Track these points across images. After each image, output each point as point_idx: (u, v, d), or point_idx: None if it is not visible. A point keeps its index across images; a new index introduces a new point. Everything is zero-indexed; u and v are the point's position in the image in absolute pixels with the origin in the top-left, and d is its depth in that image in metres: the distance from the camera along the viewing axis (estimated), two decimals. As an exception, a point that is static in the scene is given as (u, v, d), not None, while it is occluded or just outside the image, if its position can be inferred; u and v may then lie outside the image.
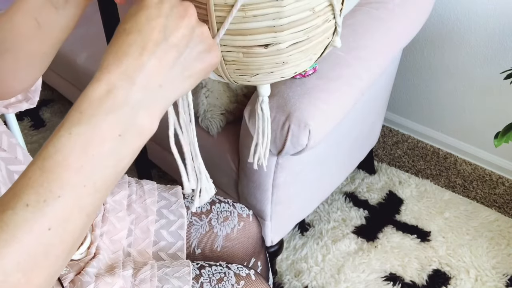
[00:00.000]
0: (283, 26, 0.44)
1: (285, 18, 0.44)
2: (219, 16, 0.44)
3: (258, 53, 0.47)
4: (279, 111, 0.88)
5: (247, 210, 0.87)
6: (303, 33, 0.46)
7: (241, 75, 0.50)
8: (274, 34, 0.45)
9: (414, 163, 1.63)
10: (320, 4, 0.46)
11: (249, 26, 0.45)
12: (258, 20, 0.44)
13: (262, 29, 0.45)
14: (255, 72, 0.49)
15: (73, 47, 1.48)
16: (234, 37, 0.46)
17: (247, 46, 0.46)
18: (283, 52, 0.47)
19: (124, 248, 0.73)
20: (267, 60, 0.47)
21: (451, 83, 1.53)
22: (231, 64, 0.49)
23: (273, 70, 0.49)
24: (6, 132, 0.62)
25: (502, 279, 1.29)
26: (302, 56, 0.48)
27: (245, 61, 0.48)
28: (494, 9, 1.32)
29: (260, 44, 0.46)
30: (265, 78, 0.50)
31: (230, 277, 0.71)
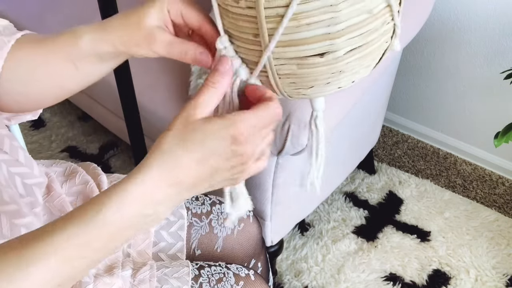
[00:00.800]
0: (339, 32, 0.42)
1: (341, 23, 0.41)
2: (271, 28, 0.42)
3: (313, 64, 0.44)
4: (279, 111, 0.88)
5: None
6: (361, 37, 0.43)
7: (296, 89, 0.47)
8: (330, 42, 0.42)
9: (414, 163, 1.63)
10: (378, 6, 0.43)
11: (303, 36, 0.42)
12: (312, 28, 0.41)
13: (317, 37, 0.42)
14: (311, 84, 0.46)
15: (73, 47, 1.48)
16: (287, 48, 0.43)
17: (301, 57, 0.43)
18: (340, 60, 0.44)
19: (123, 248, 0.73)
20: (323, 70, 0.44)
21: (451, 83, 1.53)
22: (285, 77, 0.46)
23: (330, 81, 0.46)
24: (8, 135, 0.62)
25: (502, 279, 1.29)
26: (360, 63, 0.45)
27: (299, 73, 0.45)
28: (494, 9, 1.32)
29: (315, 53, 0.43)
30: (321, 90, 0.47)
31: (230, 277, 0.71)
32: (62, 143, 1.75)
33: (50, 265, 0.39)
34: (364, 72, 0.47)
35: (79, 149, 1.73)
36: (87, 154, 1.71)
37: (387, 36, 0.47)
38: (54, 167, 0.77)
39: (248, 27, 0.43)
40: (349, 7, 0.41)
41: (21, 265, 0.38)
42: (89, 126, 1.82)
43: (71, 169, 0.77)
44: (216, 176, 0.44)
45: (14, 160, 0.62)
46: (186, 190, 0.43)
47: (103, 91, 1.41)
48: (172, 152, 0.42)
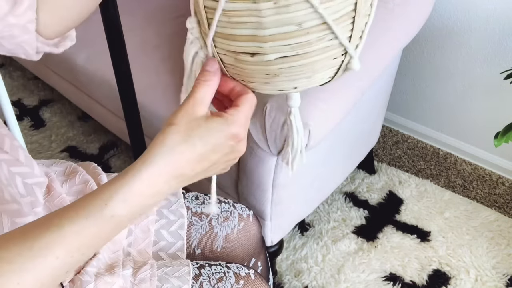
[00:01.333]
0: (265, 37, 0.43)
1: (267, 29, 0.43)
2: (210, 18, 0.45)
3: (246, 61, 0.46)
4: (279, 111, 0.88)
5: (247, 210, 0.87)
6: (290, 47, 0.44)
7: (241, 79, 0.50)
8: (257, 44, 0.44)
9: (414, 163, 1.63)
10: (309, 21, 0.43)
11: (234, 32, 0.45)
12: (241, 27, 0.44)
13: (246, 36, 0.44)
14: (250, 79, 0.48)
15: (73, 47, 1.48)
16: (224, 40, 0.46)
17: (235, 52, 0.46)
18: (270, 64, 0.45)
19: (124, 247, 0.73)
20: (257, 70, 0.47)
21: (451, 83, 1.53)
22: (229, 67, 0.49)
23: (268, 81, 0.48)
24: (8, 135, 0.62)
25: (502, 279, 1.29)
26: (296, 71, 0.46)
27: (238, 66, 0.48)
28: (494, 9, 1.32)
29: (246, 51, 0.45)
30: (262, 87, 0.49)
31: (230, 276, 0.71)
32: (62, 143, 1.75)
33: (59, 255, 0.41)
34: (305, 82, 0.48)
35: (79, 149, 1.73)
36: (87, 154, 1.71)
37: (332, 52, 0.46)
38: (54, 166, 0.77)
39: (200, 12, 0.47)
40: (274, 15, 0.42)
41: (32, 255, 0.40)
42: (89, 126, 1.82)
43: (71, 169, 0.77)
44: (214, 167, 0.48)
45: (15, 160, 0.62)
46: (186, 181, 0.47)
47: (103, 91, 1.41)
48: (176, 147, 0.44)
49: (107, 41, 0.90)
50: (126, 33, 0.92)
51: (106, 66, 1.36)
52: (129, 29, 1.47)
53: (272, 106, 0.88)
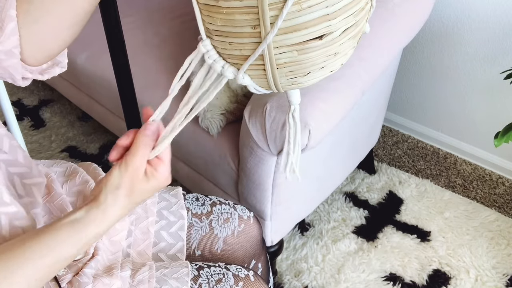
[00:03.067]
0: (336, 12, 0.43)
1: (338, 3, 0.43)
2: (273, 16, 0.43)
3: (313, 47, 0.45)
4: (279, 111, 0.88)
5: (248, 212, 0.86)
6: (353, 17, 0.45)
7: (292, 77, 0.48)
8: (328, 23, 0.44)
9: (414, 163, 1.63)
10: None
11: (304, 20, 0.43)
12: (313, 10, 0.42)
13: (316, 19, 0.43)
14: (308, 70, 0.47)
15: (73, 47, 1.48)
16: (288, 35, 0.44)
17: (302, 42, 0.44)
18: (336, 41, 0.45)
19: (123, 249, 0.73)
20: (321, 53, 0.46)
21: (451, 83, 1.53)
22: (283, 66, 0.47)
23: (325, 64, 0.47)
24: (7, 135, 0.62)
25: (502, 279, 1.29)
26: (350, 43, 0.47)
27: (299, 60, 0.46)
28: (494, 9, 1.32)
29: (315, 36, 0.44)
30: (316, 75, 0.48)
31: (229, 278, 0.71)
32: (62, 143, 1.75)
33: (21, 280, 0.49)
34: (351, 53, 0.49)
35: (79, 149, 1.73)
36: (87, 154, 1.71)
37: (367, 16, 0.49)
38: (54, 167, 0.77)
39: (246, 19, 0.44)
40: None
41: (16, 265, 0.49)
42: (89, 126, 1.82)
43: (71, 169, 0.77)
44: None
45: (14, 160, 0.62)
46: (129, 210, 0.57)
47: (103, 91, 1.41)
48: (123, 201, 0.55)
49: (107, 41, 0.90)
50: (126, 33, 0.92)
51: (106, 66, 1.36)
52: (129, 29, 1.47)
53: (272, 106, 0.88)
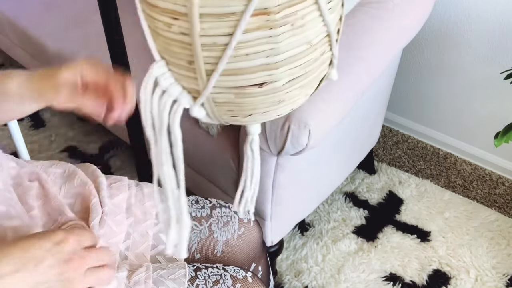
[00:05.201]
0: (278, 63, 0.40)
1: (281, 54, 0.40)
2: (207, 57, 0.40)
3: (252, 93, 0.42)
4: (279, 111, 0.88)
5: (248, 214, 0.86)
6: (300, 68, 0.42)
7: (233, 116, 0.46)
8: (269, 72, 0.41)
9: (414, 163, 1.63)
10: (318, 36, 0.42)
11: (241, 66, 0.40)
12: (251, 58, 0.40)
13: (256, 67, 0.40)
14: (249, 112, 0.45)
15: (73, 47, 1.48)
16: (225, 77, 0.41)
17: (239, 87, 0.42)
18: (279, 90, 0.43)
19: (121, 251, 0.73)
20: (262, 100, 0.43)
21: (451, 83, 1.53)
22: (222, 105, 0.44)
23: (268, 110, 0.45)
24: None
25: (502, 279, 1.29)
26: (299, 92, 0.44)
27: (237, 102, 0.43)
28: (494, 9, 1.32)
29: (253, 83, 0.41)
30: (259, 118, 0.46)
31: (226, 279, 0.71)
32: (62, 143, 1.75)
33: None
34: (302, 100, 0.46)
35: (79, 149, 1.73)
36: (87, 154, 1.71)
37: (325, 64, 0.46)
38: (53, 168, 0.77)
39: (182, 53, 0.41)
40: (290, 38, 0.39)
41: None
42: (89, 126, 1.82)
43: (70, 171, 0.77)
44: None
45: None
46: None
47: (103, 91, 1.41)
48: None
49: (107, 41, 0.90)
50: (126, 33, 0.92)
51: (106, 66, 1.36)
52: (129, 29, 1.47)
53: (272, 106, 0.88)
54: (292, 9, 0.38)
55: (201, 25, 0.38)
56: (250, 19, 0.37)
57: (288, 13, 0.38)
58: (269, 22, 0.38)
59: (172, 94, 0.44)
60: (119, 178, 0.80)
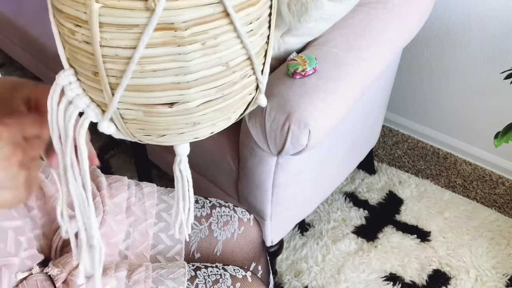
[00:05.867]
0: (190, 83, 0.37)
1: (192, 74, 0.37)
2: (110, 69, 0.37)
3: (161, 113, 0.39)
4: (279, 111, 0.88)
5: (248, 214, 0.86)
6: (216, 90, 0.39)
7: (145, 135, 0.42)
8: (179, 92, 0.38)
9: (414, 163, 1.63)
10: (236, 58, 0.39)
11: (148, 82, 0.37)
12: (158, 75, 0.37)
13: (164, 85, 0.37)
14: (162, 132, 0.41)
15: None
16: (131, 93, 0.38)
17: (147, 105, 0.39)
18: (193, 111, 0.40)
19: (120, 251, 0.73)
20: (175, 120, 0.40)
21: (451, 83, 1.53)
22: (132, 123, 0.41)
23: (184, 131, 0.41)
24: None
25: (502, 279, 1.29)
26: (218, 115, 0.42)
27: (147, 121, 0.40)
28: (494, 9, 1.32)
29: (163, 102, 0.38)
30: (174, 139, 0.42)
31: (226, 278, 0.71)
32: (62, 143, 1.75)
33: None
34: (224, 123, 0.44)
35: (79, 149, 1.73)
36: (87, 154, 1.71)
37: (249, 88, 0.43)
38: None
39: (87, 63, 0.38)
40: (201, 58, 0.37)
41: None
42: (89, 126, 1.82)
43: None
44: None
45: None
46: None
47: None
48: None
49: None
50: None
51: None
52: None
53: (272, 106, 0.88)
54: (202, 27, 0.35)
55: (101, 35, 0.35)
56: (154, 33, 0.35)
57: (198, 31, 0.35)
58: (176, 38, 0.35)
59: (78, 106, 0.41)
60: (119, 178, 0.80)
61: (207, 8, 0.35)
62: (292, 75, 0.90)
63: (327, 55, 0.94)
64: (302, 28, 0.98)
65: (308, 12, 0.96)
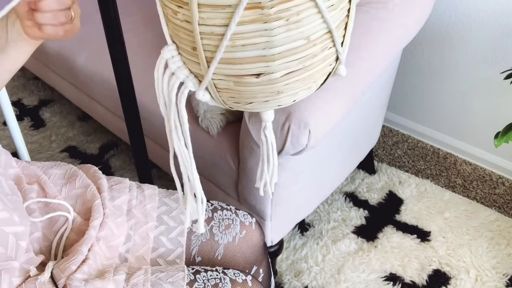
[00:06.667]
0: (274, 56, 0.42)
1: (277, 47, 0.41)
2: (206, 44, 0.42)
3: (249, 83, 0.44)
4: (279, 111, 0.88)
5: (249, 217, 0.85)
6: (297, 62, 0.43)
7: (235, 102, 0.48)
8: (265, 64, 0.42)
9: (414, 163, 1.63)
10: (316, 32, 0.43)
11: (238, 56, 0.42)
12: (247, 49, 0.41)
13: (252, 58, 0.42)
14: (249, 100, 0.47)
15: (73, 47, 1.48)
16: (224, 65, 0.43)
17: (237, 75, 0.44)
18: (277, 81, 0.44)
19: (120, 254, 0.72)
20: (261, 90, 0.45)
21: (451, 83, 1.53)
22: (224, 91, 0.46)
23: (268, 99, 0.46)
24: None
25: (502, 279, 1.29)
26: (299, 85, 0.46)
27: (237, 90, 0.45)
28: (494, 9, 1.32)
29: (251, 73, 0.43)
30: (260, 106, 0.48)
31: (226, 283, 0.70)
32: (62, 143, 1.75)
33: None
34: (305, 92, 0.48)
35: (79, 149, 1.73)
36: (87, 154, 1.71)
37: (330, 59, 0.46)
38: (54, 169, 0.77)
39: (187, 39, 0.43)
40: (285, 33, 0.40)
41: None
42: (89, 126, 1.82)
43: (71, 172, 0.77)
44: None
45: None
46: None
47: (103, 91, 1.41)
48: None
49: (107, 41, 0.90)
50: (125, 33, 0.92)
51: (106, 66, 1.36)
52: (129, 30, 1.47)
53: (272, 106, 0.88)
54: (286, 5, 0.39)
55: (199, 15, 0.40)
56: (244, 12, 0.39)
57: (282, 8, 0.39)
58: (263, 16, 0.39)
59: (179, 76, 0.47)
60: (120, 180, 0.79)
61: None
62: (292, 75, 0.90)
63: (327, 55, 0.94)
64: (302, 28, 0.98)
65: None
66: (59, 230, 0.70)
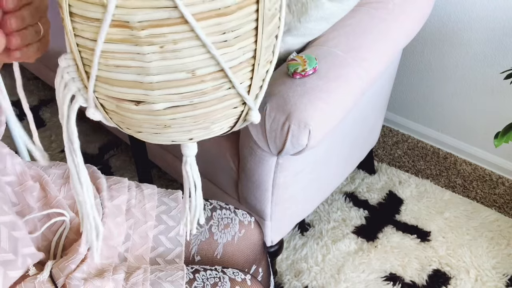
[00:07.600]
0: (152, 84, 0.38)
1: (154, 75, 0.37)
2: (85, 58, 0.39)
3: (130, 109, 0.40)
4: (279, 111, 0.88)
5: (248, 217, 0.85)
6: (180, 96, 0.39)
7: (127, 128, 0.44)
8: (143, 91, 0.38)
9: (414, 163, 1.63)
10: (203, 68, 0.38)
11: (114, 76, 0.38)
12: (122, 71, 0.38)
13: (129, 82, 0.38)
14: (137, 129, 0.43)
15: (73, 47, 1.48)
16: (103, 85, 0.40)
17: (116, 98, 0.40)
18: (159, 114, 0.40)
19: (120, 253, 0.72)
20: (144, 119, 0.41)
21: (451, 83, 1.53)
22: (112, 113, 0.43)
23: (157, 132, 0.42)
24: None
25: (502, 279, 1.29)
26: (191, 122, 0.41)
27: (122, 114, 0.41)
28: (494, 9, 1.32)
29: (129, 99, 0.39)
30: (152, 138, 0.43)
31: (225, 282, 0.70)
32: (62, 143, 1.75)
33: None
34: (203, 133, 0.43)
35: (79, 149, 1.73)
36: (87, 154, 1.71)
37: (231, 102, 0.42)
38: (53, 169, 0.77)
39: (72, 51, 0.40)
40: (161, 61, 0.37)
41: None
42: (89, 126, 1.82)
43: None
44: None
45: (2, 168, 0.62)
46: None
47: (103, 91, 1.40)
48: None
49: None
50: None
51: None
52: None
53: (272, 106, 0.88)
54: (158, 30, 0.35)
55: (73, 25, 0.38)
56: (112, 29, 0.36)
57: (154, 33, 0.35)
58: (133, 37, 0.36)
59: (71, 89, 0.42)
60: (119, 180, 0.79)
61: (161, 11, 0.35)
62: (292, 75, 0.90)
63: (327, 55, 0.94)
64: (302, 28, 0.98)
65: (308, 12, 0.96)
66: (58, 229, 0.70)
